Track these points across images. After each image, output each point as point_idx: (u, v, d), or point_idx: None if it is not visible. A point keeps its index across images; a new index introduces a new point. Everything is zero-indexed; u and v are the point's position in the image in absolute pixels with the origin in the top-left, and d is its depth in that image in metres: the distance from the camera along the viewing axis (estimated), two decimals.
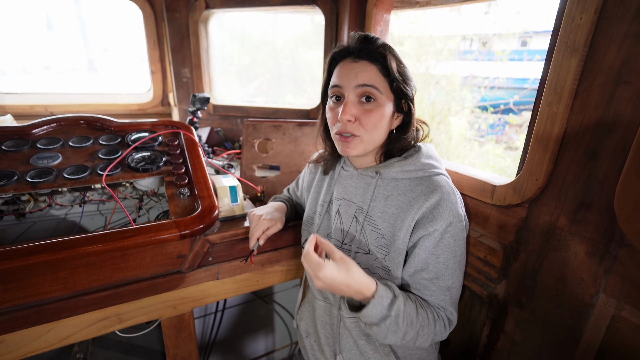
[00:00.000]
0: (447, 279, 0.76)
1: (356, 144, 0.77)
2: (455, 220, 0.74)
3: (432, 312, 0.75)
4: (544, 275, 0.78)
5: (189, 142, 1.12)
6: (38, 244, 0.73)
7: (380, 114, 0.75)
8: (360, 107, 0.75)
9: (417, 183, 0.77)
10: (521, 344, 0.85)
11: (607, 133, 0.63)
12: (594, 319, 0.69)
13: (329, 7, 1.54)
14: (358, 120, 0.75)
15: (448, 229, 0.74)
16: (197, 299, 0.98)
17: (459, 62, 4.85)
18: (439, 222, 0.73)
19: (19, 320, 0.77)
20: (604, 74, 0.63)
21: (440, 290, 0.76)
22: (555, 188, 0.74)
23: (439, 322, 0.76)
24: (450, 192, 0.75)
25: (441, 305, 0.77)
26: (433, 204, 0.73)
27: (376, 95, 0.74)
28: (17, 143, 1.00)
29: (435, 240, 0.74)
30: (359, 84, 0.73)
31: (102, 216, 1.19)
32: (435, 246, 0.75)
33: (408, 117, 0.80)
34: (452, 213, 0.73)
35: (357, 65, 0.74)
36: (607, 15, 0.61)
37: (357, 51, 0.75)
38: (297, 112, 1.78)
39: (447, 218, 0.73)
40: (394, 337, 0.71)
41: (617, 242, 0.64)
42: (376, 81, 0.73)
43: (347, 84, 0.74)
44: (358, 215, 0.82)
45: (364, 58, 0.74)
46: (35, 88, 1.90)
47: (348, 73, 0.74)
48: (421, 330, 0.73)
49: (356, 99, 0.75)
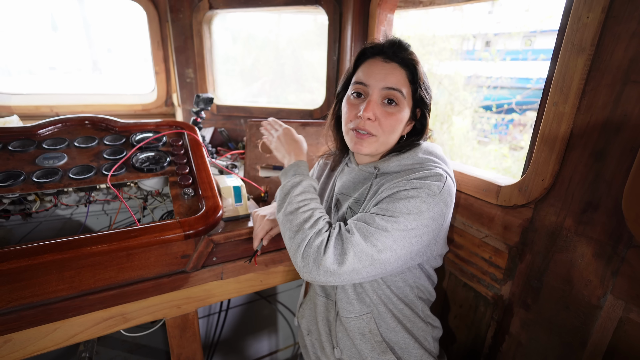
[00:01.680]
0: (375, 222, 0.65)
1: (371, 142, 0.77)
2: (428, 176, 0.68)
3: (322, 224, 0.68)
4: (550, 277, 0.77)
5: (193, 142, 1.13)
6: (44, 244, 0.74)
7: (399, 118, 0.76)
8: (381, 109, 0.75)
9: (411, 172, 0.74)
10: (527, 345, 0.85)
11: (615, 133, 0.63)
12: (601, 321, 0.68)
13: (332, 7, 1.53)
14: (378, 121, 0.75)
15: (412, 180, 0.68)
16: (202, 298, 0.98)
17: (462, 62, 4.83)
18: (407, 173, 0.72)
19: (26, 320, 0.77)
20: (611, 73, 0.62)
21: (360, 217, 0.68)
22: (562, 188, 0.73)
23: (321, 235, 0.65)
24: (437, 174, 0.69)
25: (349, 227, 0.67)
26: (408, 167, 0.75)
27: (399, 99, 0.74)
28: (23, 143, 1.00)
29: (398, 188, 0.68)
30: (386, 86, 0.74)
31: (107, 216, 1.20)
32: (398, 192, 0.68)
33: (421, 124, 0.81)
34: (428, 171, 0.69)
35: (388, 66, 0.74)
36: (615, 14, 0.60)
37: (390, 52, 0.75)
38: (300, 112, 1.78)
39: (419, 172, 0.70)
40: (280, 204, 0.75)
41: (625, 243, 0.63)
42: (403, 86, 0.74)
43: (374, 84, 0.74)
44: (352, 205, 0.82)
45: (396, 61, 0.74)
46: (41, 89, 1.92)
47: (377, 72, 0.74)
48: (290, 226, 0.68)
49: (380, 99, 0.75)
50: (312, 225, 0.67)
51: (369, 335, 0.82)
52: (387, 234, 0.64)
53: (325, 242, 0.64)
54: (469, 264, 0.99)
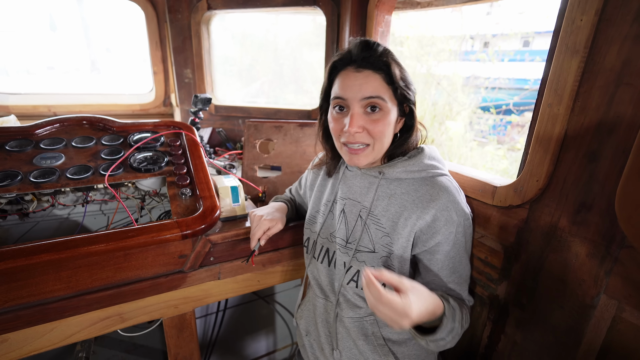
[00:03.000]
0: (463, 272, 0.81)
1: (367, 153, 0.77)
2: (464, 219, 0.77)
3: (466, 306, 0.81)
4: (544, 276, 0.78)
5: (191, 142, 1.13)
6: (41, 244, 0.74)
7: (387, 122, 0.75)
8: (366, 117, 0.74)
9: (421, 183, 0.78)
10: (522, 345, 0.85)
11: (608, 134, 0.63)
12: (594, 320, 0.69)
13: (330, 8, 1.54)
14: (366, 130, 0.74)
15: (459, 229, 0.77)
16: (199, 298, 0.98)
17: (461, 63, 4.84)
18: (452, 225, 0.75)
19: (23, 319, 0.77)
20: (604, 75, 0.63)
21: (460, 285, 0.81)
22: (556, 189, 0.74)
23: (467, 311, 0.80)
24: (455, 193, 0.77)
25: (463, 297, 0.82)
26: (442, 207, 0.75)
27: (382, 104, 0.73)
28: (20, 143, 1.01)
29: (451, 243, 0.77)
30: (364, 96, 0.72)
31: (105, 216, 1.20)
32: (452, 249, 0.78)
33: (410, 120, 0.80)
34: (460, 213, 0.76)
35: (361, 75, 0.72)
36: (608, 17, 0.61)
37: (359, 60, 0.72)
38: (298, 113, 1.78)
39: (457, 219, 0.76)
40: (452, 341, 0.73)
41: (618, 243, 0.64)
42: (381, 91, 0.72)
43: (351, 96, 0.73)
44: (362, 214, 0.82)
45: (367, 67, 0.72)
46: (39, 88, 1.92)
47: (352, 85, 0.73)
48: (463, 325, 0.76)
49: (362, 110, 0.74)
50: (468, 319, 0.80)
51: (372, 337, 0.83)
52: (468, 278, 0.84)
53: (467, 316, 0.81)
54: None
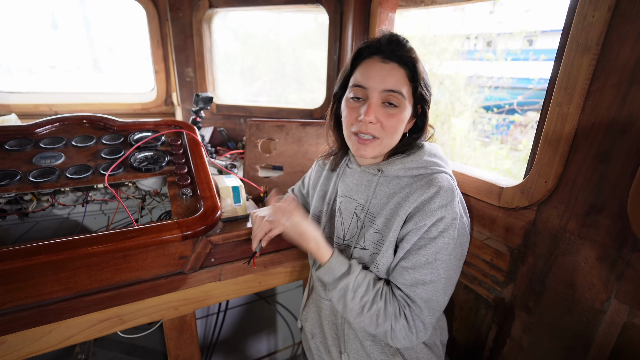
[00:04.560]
0: (424, 274, 0.71)
1: (375, 146, 0.76)
2: (448, 217, 0.70)
3: (394, 307, 0.72)
4: (552, 280, 0.76)
5: (192, 142, 1.12)
6: (39, 245, 0.73)
7: (401, 119, 0.74)
8: (382, 110, 0.73)
9: (418, 179, 0.76)
10: (528, 349, 0.84)
11: (621, 134, 0.62)
12: (604, 325, 0.67)
13: (333, 6, 1.52)
14: (380, 123, 0.73)
15: (437, 223, 0.70)
16: (199, 300, 0.97)
17: (463, 62, 4.81)
18: (429, 217, 0.69)
19: (21, 321, 0.76)
20: (617, 73, 0.61)
21: (412, 280, 0.71)
22: (565, 190, 0.72)
23: (399, 321, 0.71)
24: (449, 190, 0.72)
25: (410, 298, 0.72)
26: (427, 198, 0.71)
27: (400, 100, 0.72)
28: (20, 142, 0.99)
29: (421, 233, 0.71)
30: (386, 88, 0.71)
31: (105, 216, 1.19)
32: (420, 239, 0.71)
33: (422, 121, 0.79)
34: (446, 209, 0.70)
35: (386, 67, 0.71)
36: (621, 12, 0.59)
37: (388, 51, 0.71)
38: (300, 112, 1.76)
39: (439, 213, 0.69)
40: (343, 310, 0.75)
41: (630, 247, 0.62)
42: (402, 86, 0.72)
43: (373, 86, 0.72)
44: (358, 212, 0.81)
45: (394, 60, 0.71)
46: (40, 87, 1.91)
47: (376, 75, 0.72)
48: (375, 319, 0.72)
49: (380, 101, 0.73)
50: (384, 319, 0.72)
51: (379, 337, 0.81)
52: (430, 288, 0.72)
53: (406, 328, 0.72)
54: (469, 266, 0.98)
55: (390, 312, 0.71)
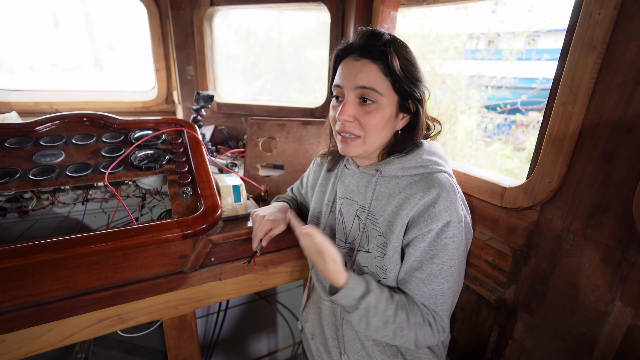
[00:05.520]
0: (442, 283, 0.72)
1: (357, 145, 0.75)
2: (454, 220, 0.70)
3: (416, 316, 0.72)
4: (555, 281, 0.75)
5: (193, 140, 1.11)
6: (38, 243, 0.72)
7: (381, 116, 0.72)
8: (359, 108, 0.72)
9: (417, 180, 0.74)
10: (531, 350, 0.83)
11: (626, 134, 0.61)
12: (608, 327, 0.66)
13: (335, 4, 1.51)
14: (357, 121, 0.73)
15: (445, 228, 0.70)
16: (199, 299, 0.97)
17: (466, 61, 4.79)
18: (435, 222, 0.69)
19: (20, 320, 0.76)
20: (623, 72, 0.60)
21: (432, 292, 0.72)
22: (569, 191, 0.71)
23: (424, 328, 0.72)
24: (450, 190, 0.71)
25: (432, 309, 0.74)
26: (430, 201, 0.70)
27: (375, 97, 0.70)
28: (20, 140, 0.99)
29: (430, 240, 0.70)
30: (357, 85, 0.70)
31: (105, 214, 1.18)
32: (430, 246, 0.71)
33: (415, 118, 0.76)
34: (450, 212, 0.69)
35: (357, 64, 0.71)
36: (628, 10, 0.58)
37: (359, 48, 0.71)
38: (301, 111, 1.76)
39: (445, 217, 0.69)
40: (365, 329, 0.72)
41: (635, 248, 0.61)
42: (376, 82, 0.70)
43: (347, 84, 0.72)
44: (360, 214, 0.80)
45: (366, 57, 0.70)
46: (41, 85, 1.91)
47: (348, 73, 0.72)
48: (399, 331, 0.71)
49: (356, 99, 0.72)
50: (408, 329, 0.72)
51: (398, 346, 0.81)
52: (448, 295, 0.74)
53: (429, 334, 0.73)
54: (471, 267, 0.98)
55: (412, 322, 0.71)
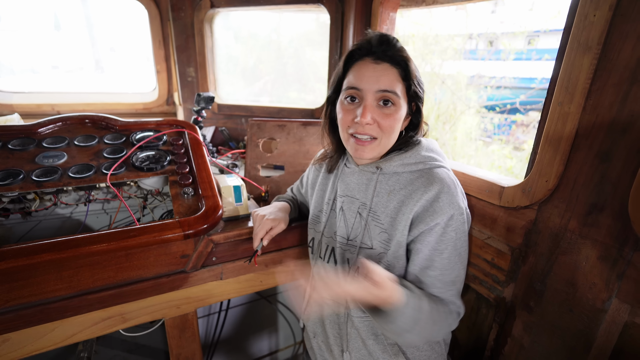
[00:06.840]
0: (452, 274, 0.76)
1: (374, 147, 0.76)
2: (457, 213, 0.73)
3: (444, 306, 0.76)
4: (553, 279, 0.76)
5: (194, 141, 1.12)
6: (42, 243, 0.73)
7: (397, 118, 0.74)
8: (378, 111, 0.73)
9: (418, 176, 0.76)
10: (529, 348, 0.84)
11: (621, 133, 0.61)
12: (605, 324, 0.67)
13: (335, 6, 1.52)
14: (377, 123, 0.74)
15: (450, 222, 0.72)
16: (201, 299, 0.97)
17: (465, 62, 4.80)
18: (440, 216, 0.71)
19: (24, 319, 0.77)
20: (618, 72, 0.61)
21: (446, 285, 0.76)
22: (566, 190, 0.72)
23: (452, 315, 0.77)
24: (451, 184, 0.74)
25: (449, 300, 0.77)
26: (433, 196, 0.72)
27: (395, 99, 0.73)
28: (23, 142, 1.00)
29: (437, 235, 0.73)
30: (380, 89, 0.72)
31: (107, 215, 1.19)
32: (438, 241, 0.73)
33: (417, 118, 0.80)
34: (453, 205, 0.72)
35: (379, 67, 0.72)
36: (623, 12, 0.59)
37: (379, 52, 0.72)
38: (301, 112, 1.77)
39: (448, 211, 0.71)
40: (417, 336, 0.71)
41: (631, 246, 0.62)
42: (396, 86, 0.72)
43: (367, 87, 0.72)
44: (361, 211, 0.81)
45: (386, 60, 0.72)
46: (43, 87, 1.92)
47: (369, 76, 0.72)
48: (439, 325, 0.74)
49: (375, 102, 0.74)
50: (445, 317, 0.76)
51: (382, 336, 0.82)
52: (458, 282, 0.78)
53: (456, 319, 0.79)
54: (471, 265, 0.98)
55: (443, 311, 0.75)
